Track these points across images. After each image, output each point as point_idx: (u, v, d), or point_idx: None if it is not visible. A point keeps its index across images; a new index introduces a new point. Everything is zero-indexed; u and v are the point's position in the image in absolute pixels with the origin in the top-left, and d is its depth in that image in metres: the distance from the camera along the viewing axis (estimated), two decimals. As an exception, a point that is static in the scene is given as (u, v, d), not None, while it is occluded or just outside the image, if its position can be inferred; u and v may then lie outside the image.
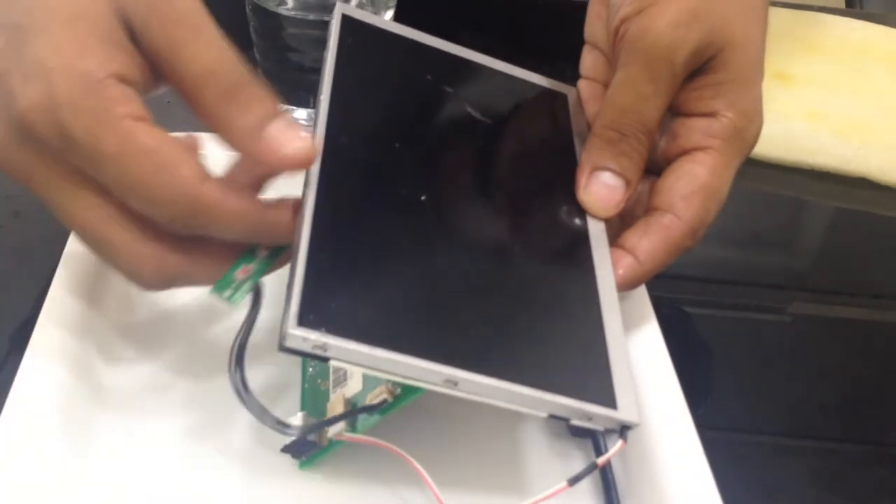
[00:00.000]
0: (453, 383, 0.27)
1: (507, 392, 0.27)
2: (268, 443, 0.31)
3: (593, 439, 0.32)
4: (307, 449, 0.31)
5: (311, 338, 0.25)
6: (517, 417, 0.34)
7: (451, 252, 0.30)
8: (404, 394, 0.30)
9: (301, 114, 0.48)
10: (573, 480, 0.28)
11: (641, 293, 0.36)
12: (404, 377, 0.27)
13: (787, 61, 0.58)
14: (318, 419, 0.31)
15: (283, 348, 0.26)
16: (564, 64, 0.41)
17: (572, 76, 0.40)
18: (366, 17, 0.37)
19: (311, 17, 0.44)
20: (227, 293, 0.30)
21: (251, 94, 0.29)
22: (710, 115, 0.34)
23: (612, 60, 0.36)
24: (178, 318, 0.37)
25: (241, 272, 0.30)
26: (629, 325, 0.34)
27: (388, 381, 0.30)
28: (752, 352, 0.42)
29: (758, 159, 0.51)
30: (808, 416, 0.39)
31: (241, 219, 0.28)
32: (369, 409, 0.30)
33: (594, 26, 0.38)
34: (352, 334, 0.26)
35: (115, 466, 0.31)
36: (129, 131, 0.27)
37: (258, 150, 0.29)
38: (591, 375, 0.29)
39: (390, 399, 0.30)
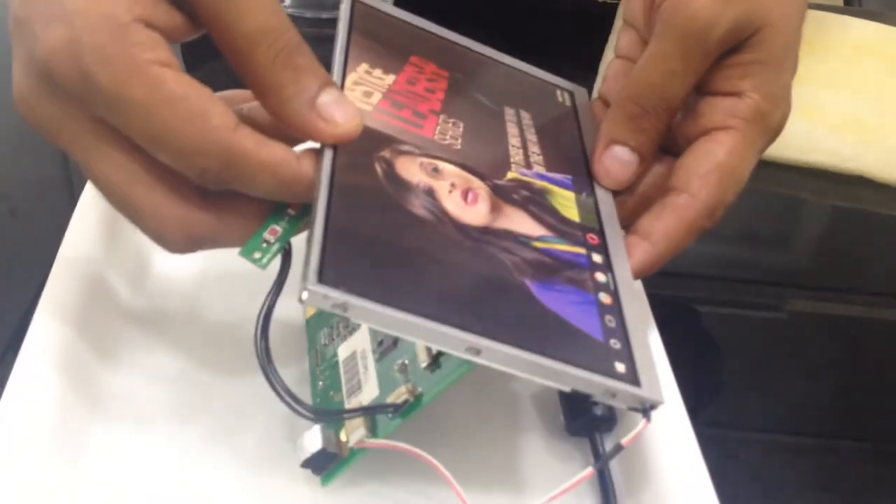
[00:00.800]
0: (476, 351, 0.26)
1: (533, 363, 0.26)
2: (286, 457, 0.30)
3: (590, 437, 0.32)
4: (328, 462, 0.29)
5: (332, 295, 0.25)
6: (511, 420, 0.34)
7: (465, 226, 0.30)
8: (427, 391, 0.29)
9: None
10: (599, 465, 0.29)
11: (638, 290, 0.36)
12: (426, 341, 0.26)
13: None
14: (335, 433, 0.30)
15: (303, 303, 0.25)
16: (562, 62, 0.41)
17: (569, 75, 0.40)
18: (375, 2, 0.37)
19: (309, 14, 0.44)
20: (257, 255, 0.29)
21: (305, 61, 0.28)
22: (736, 95, 0.33)
23: (646, 37, 0.35)
24: (181, 315, 0.36)
25: (270, 233, 0.29)
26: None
27: (407, 383, 0.29)
28: (749, 349, 0.42)
29: (755, 157, 0.51)
30: (805, 413, 0.39)
31: (275, 171, 0.27)
32: (391, 409, 0.29)
33: (633, 5, 0.37)
34: (374, 295, 0.25)
35: (114, 481, 0.30)
36: (157, 77, 0.26)
37: (308, 121, 0.28)
38: (613, 353, 0.28)
39: (412, 399, 0.29)
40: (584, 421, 0.33)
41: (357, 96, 0.32)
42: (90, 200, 0.38)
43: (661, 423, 0.31)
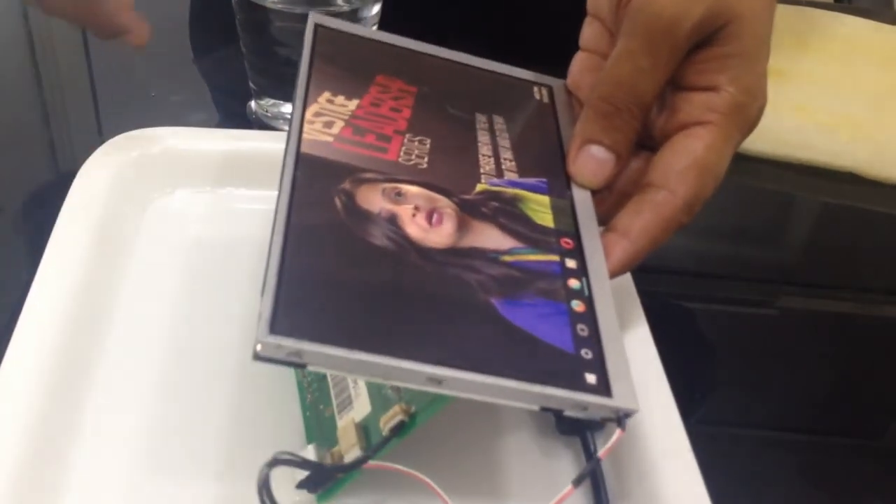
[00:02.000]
0: (437, 381, 0.26)
1: (496, 387, 0.26)
2: (280, 477, 0.29)
3: (581, 436, 0.32)
4: (324, 481, 0.29)
5: (286, 345, 0.25)
6: (501, 422, 0.34)
7: (428, 251, 0.30)
8: (421, 411, 0.28)
9: (286, 108, 0.48)
10: (577, 481, 0.28)
11: (629, 287, 0.36)
12: (386, 379, 0.26)
13: (776, 56, 0.57)
14: (329, 449, 0.29)
15: (258, 357, 0.25)
16: (552, 63, 0.41)
17: (561, 75, 0.40)
18: (340, 24, 0.37)
19: (298, 10, 0.44)
20: None
21: None
22: (712, 89, 0.33)
23: (614, 31, 0.35)
24: (164, 332, 0.36)
25: None
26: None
27: (401, 401, 0.29)
28: (740, 346, 0.42)
29: (746, 154, 0.51)
30: (796, 410, 0.39)
31: None
32: (389, 439, 0.28)
33: None
34: (327, 339, 0.25)
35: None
36: None
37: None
38: (584, 364, 0.28)
39: (406, 419, 0.28)
40: (575, 420, 0.32)
41: (318, 128, 0.32)
42: (77, 200, 0.38)
43: (653, 421, 0.31)
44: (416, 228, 0.30)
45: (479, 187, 0.33)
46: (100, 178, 0.40)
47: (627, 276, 0.36)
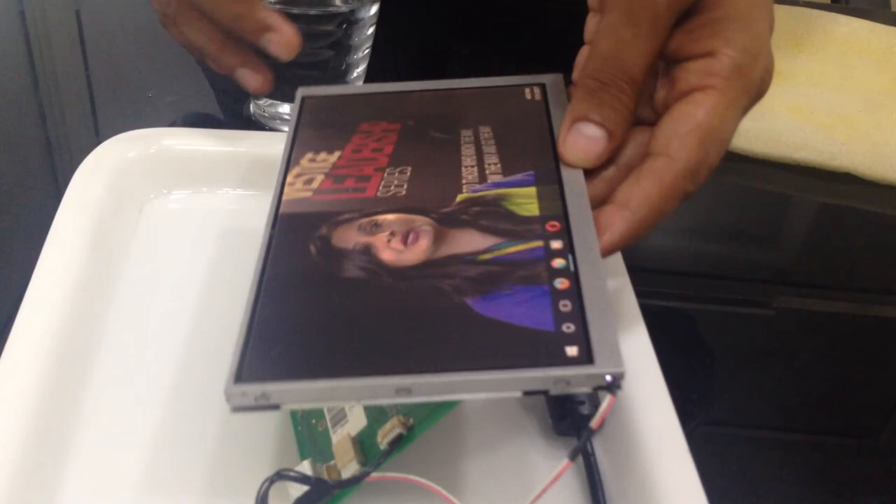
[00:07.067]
0: (406, 391, 0.26)
1: (468, 382, 0.26)
2: (276, 496, 0.29)
3: (578, 437, 0.32)
4: (321, 496, 0.29)
5: (251, 390, 0.25)
6: (497, 425, 0.34)
7: (402, 270, 0.30)
8: (419, 423, 0.28)
9: (284, 108, 0.48)
10: (573, 454, 0.27)
11: (626, 287, 0.36)
12: (358, 399, 0.26)
13: (773, 56, 0.58)
14: (324, 464, 0.29)
15: (233, 409, 0.26)
16: (555, 68, 0.41)
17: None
18: (326, 90, 0.39)
19: (296, 10, 0.44)
20: None
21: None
22: (709, 54, 0.32)
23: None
24: (161, 331, 0.36)
25: None
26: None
27: (398, 414, 0.29)
28: (737, 346, 0.42)
29: (742, 154, 0.51)
30: (793, 410, 0.39)
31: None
32: (389, 453, 0.28)
33: None
34: (289, 374, 0.26)
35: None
36: None
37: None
38: (565, 339, 0.27)
39: (405, 432, 0.28)
40: (571, 420, 0.32)
41: (298, 188, 0.33)
42: (74, 200, 0.38)
43: (650, 420, 0.31)
44: (390, 253, 0.30)
45: (459, 197, 0.33)
46: (96, 178, 0.40)
47: (625, 277, 0.36)
